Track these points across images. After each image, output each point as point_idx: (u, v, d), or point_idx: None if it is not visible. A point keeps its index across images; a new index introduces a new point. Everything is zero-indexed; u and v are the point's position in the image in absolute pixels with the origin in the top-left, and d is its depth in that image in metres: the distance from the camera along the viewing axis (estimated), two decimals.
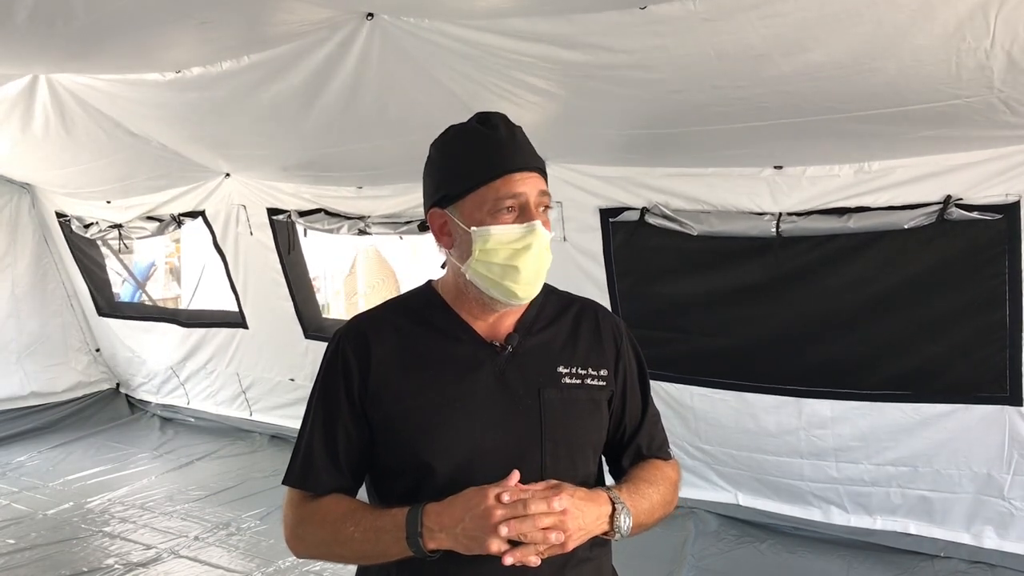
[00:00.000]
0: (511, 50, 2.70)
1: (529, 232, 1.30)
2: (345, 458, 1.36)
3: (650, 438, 1.49)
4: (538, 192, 1.32)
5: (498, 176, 1.30)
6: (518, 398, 1.33)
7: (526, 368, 1.35)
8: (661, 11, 2.31)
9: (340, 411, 1.35)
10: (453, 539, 1.19)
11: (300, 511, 1.36)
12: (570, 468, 1.34)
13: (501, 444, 1.30)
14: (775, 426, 3.80)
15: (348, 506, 1.34)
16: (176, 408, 6.54)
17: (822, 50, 2.36)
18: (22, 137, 4.51)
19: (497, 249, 1.30)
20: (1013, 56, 2.23)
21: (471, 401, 1.32)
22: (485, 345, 1.36)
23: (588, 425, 1.39)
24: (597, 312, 1.49)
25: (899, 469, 3.59)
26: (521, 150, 1.34)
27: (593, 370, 1.39)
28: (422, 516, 1.22)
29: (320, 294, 7.71)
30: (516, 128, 1.37)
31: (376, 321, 1.43)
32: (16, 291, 6.29)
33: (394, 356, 1.35)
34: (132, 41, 2.96)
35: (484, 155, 1.32)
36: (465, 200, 1.32)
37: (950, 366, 3.36)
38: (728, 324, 3.77)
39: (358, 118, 3.50)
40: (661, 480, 1.42)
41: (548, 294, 1.45)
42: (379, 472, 1.39)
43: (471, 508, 1.18)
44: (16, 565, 3.94)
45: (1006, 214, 3.05)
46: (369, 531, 1.26)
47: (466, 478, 1.25)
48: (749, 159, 3.41)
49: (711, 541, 3.89)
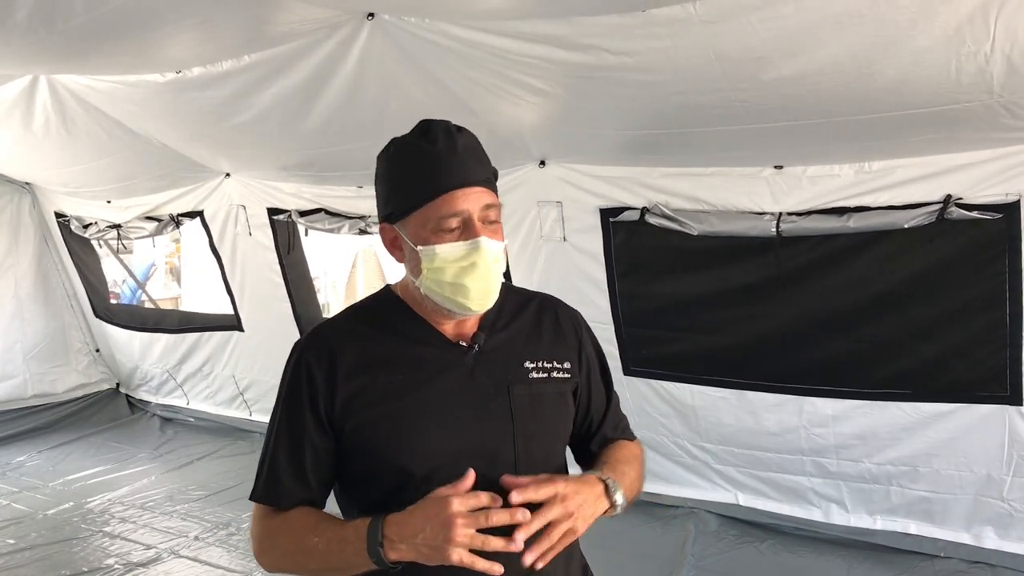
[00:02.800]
0: (512, 50, 2.70)
1: (473, 249, 1.29)
2: (312, 471, 1.34)
3: (615, 423, 1.54)
4: (482, 206, 1.30)
5: (437, 195, 1.29)
6: (488, 396, 1.34)
7: (494, 366, 1.37)
8: (661, 13, 2.31)
9: (305, 424, 1.33)
10: (414, 550, 1.18)
11: (266, 524, 1.35)
12: (543, 461, 1.36)
13: (474, 443, 1.31)
14: (776, 424, 3.80)
15: (313, 518, 1.32)
16: (176, 408, 6.54)
17: (822, 53, 2.36)
18: (23, 137, 4.51)
19: (444, 268, 1.29)
20: (1013, 60, 2.23)
21: (442, 402, 1.32)
22: (451, 346, 1.37)
23: (557, 417, 1.42)
24: (556, 306, 1.51)
25: (899, 468, 3.59)
26: (461, 164, 1.31)
27: (558, 363, 1.42)
28: (383, 527, 1.20)
29: (320, 294, 7.70)
30: (459, 137, 1.34)
31: (338, 330, 1.42)
32: (19, 292, 6.29)
33: (361, 364, 1.34)
34: (132, 40, 2.96)
35: (422, 174, 1.31)
36: (409, 219, 1.32)
37: (950, 365, 3.36)
38: (728, 323, 3.77)
39: (358, 118, 3.50)
40: (632, 459, 1.47)
41: (507, 291, 1.45)
42: (351, 481, 1.38)
43: (431, 518, 1.17)
44: (16, 565, 3.94)
45: (1006, 214, 3.05)
46: (333, 542, 1.25)
47: (442, 478, 1.23)
48: (749, 159, 3.41)
49: (711, 541, 3.89)
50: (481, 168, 1.33)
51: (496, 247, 1.31)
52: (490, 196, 1.33)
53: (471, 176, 1.31)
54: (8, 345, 6.22)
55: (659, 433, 4.13)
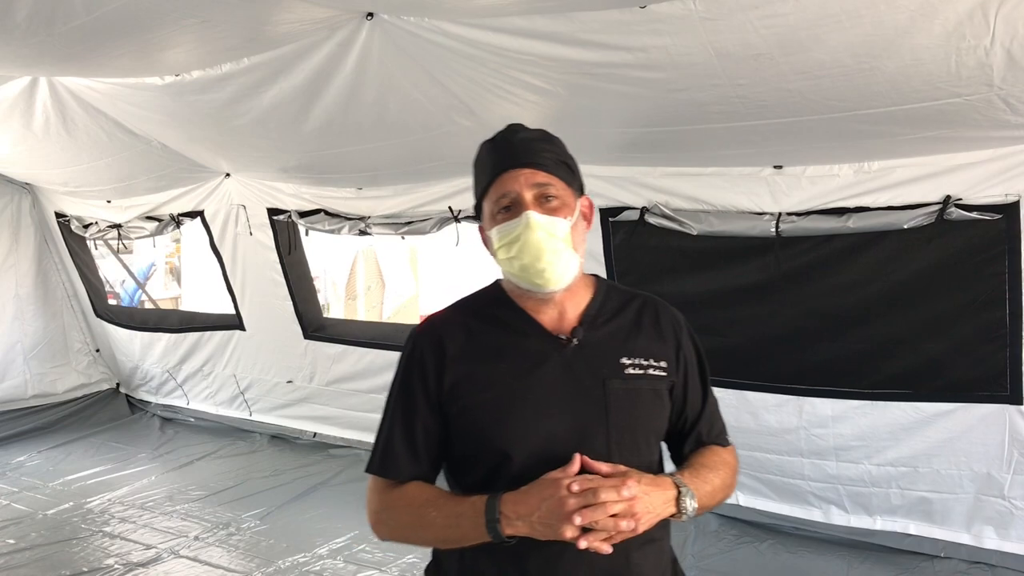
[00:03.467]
0: (511, 48, 2.70)
1: (516, 225, 1.38)
2: (424, 448, 1.45)
3: (710, 426, 1.56)
4: (531, 184, 1.38)
5: (491, 181, 1.41)
6: (584, 388, 1.40)
7: (591, 360, 1.42)
8: (661, 10, 2.31)
9: (417, 404, 1.44)
10: (529, 526, 1.28)
11: (383, 497, 1.46)
12: (633, 454, 1.40)
13: (569, 432, 1.38)
14: (776, 425, 3.80)
15: (430, 493, 1.43)
16: (176, 408, 6.54)
17: (822, 49, 2.36)
18: (22, 137, 4.51)
19: (503, 247, 1.40)
20: (1013, 54, 2.23)
21: (540, 392, 1.39)
22: (551, 338, 1.43)
23: (650, 413, 1.46)
24: (658, 306, 1.54)
25: (899, 469, 3.59)
26: (514, 149, 1.41)
27: (655, 361, 1.46)
28: (499, 504, 1.30)
29: (320, 294, 7.71)
30: (523, 132, 1.44)
31: (447, 322, 1.52)
32: (20, 292, 6.30)
33: (466, 351, 1.44)
34: (132, 42, 2.95)
35: (482, 168, 1.45)
36: (483, 211, 1.46)
37: (950, 365, 3.36)
38: (728, 323, 3.77)
39: (358, 118, 3.50)
40: (721, 465, 1.50)
41: (610, 289, 1.54)
42: (455, 460, 1.47)
43: (545, 498, 1.26)
44: (16, 565, 3.94)
45: (1006, 214, 3.05)
46: (450, 517, 1.35)
47: (538, 464, 1.33)
48: (749, 159, 3.41)
49: (711, 541, 3.89)
50: (535, 153, 1.41)
51: (546, 220, 1.37)
52: (544, 176, 1.39)
53: (519, 159, 1.40)
54: (9, 345, 6.22)
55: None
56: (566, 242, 1.39)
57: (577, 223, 1.44)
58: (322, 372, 5.49)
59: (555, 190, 1.40)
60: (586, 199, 1.50)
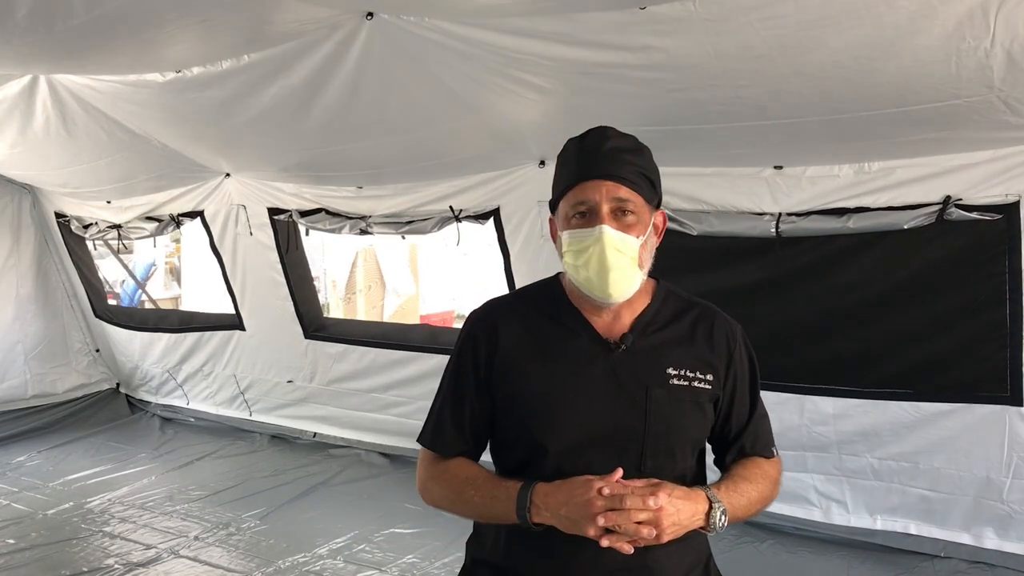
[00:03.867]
0: (511, 48, 2.70)
1: (588, 236, 1.40)
2: (470, 427, 1.51)
3: (754, 438, 1.58)
4: (610, 198, 1.39)
5: (572, 185, 1.42)
6: (627, 394, 1.42)
7: (637, 366, 1.44)
8: (661, 11, 2.32)
9: (468, 386, 1.50)
10: (556, 519, 1.33)
11: (430, 469, 1.53)
12: (668, 462, 1.43)
13: (607, 434, 1.41)
14: (777, 423, 3.74)
15: (471, 472, 1.49)
16: (176, 408, 6.54)
17: (822, 51, 2.36)
18: (22, 137, 4.51)
19: (571, 252, 1.43)
20: (1013, 55, 2.24)
21: (583, 393, 1.43)
22: (601, 341, 1.46)
23: (689, 424, 1.48)
24: (715, 317, 1.55)
25: (900, 464, 3.58)
26: (600, 159, 1.41)
27: (701, 373, 1.47)
28: (532, 494, 1.35)
29: (320, 294, 7.71)
30: (612, 139, 1.45)
31: (505, 308, 1.57)
32: (21, 292, 6.29)
33: (518, 342, 1.48)
34: (132, 40, 2.96)
35: (568, 168, 1.45)
36: (559, 208, 1.47)
37: (951, 365, 3.36)
38: None
39: (358, 117, 3.50)
40: (761, 477, 1.52)
41: (668, 295, 1.55)
42: (498, 442, 1.54)
43: (575, 496, 1.31)
44: (16, 565, 3.93)
45: (1006, 214, 3.06)
46: (486, 497, 1.42)
47: (572, 462, 1.38)
48: (749, 159, 3.41)
49: (711, 541, 3.88)
50: (621, 166, 1.41)
51: (618, 237, 1.39)
52: (626, 191, 1.40)
53: (604, 170, 1.40)
54: (10, 345, 6.21)
55: None
56: (633, 260, 1.41)
57: (648, 239, 1.45)
58: (323, 372, 5.49)
59: (633, 206, 1.41)
60: (661, 213, 1.51)
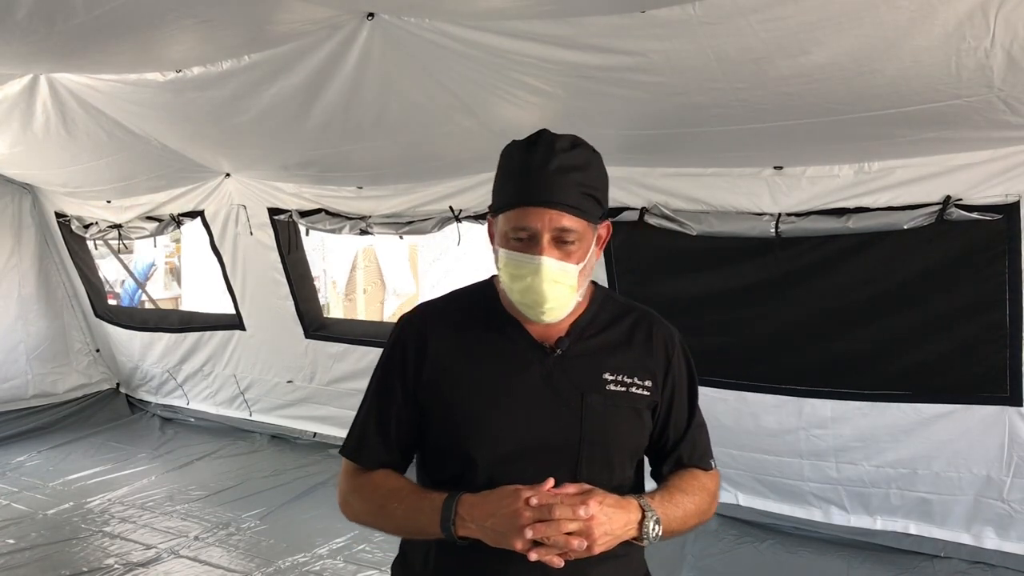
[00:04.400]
0: (511, 50, 2.70)
1: (527, 264, 1.32)
2: (396, 437, 1.44)
3: (692, 448, 1.52)
4: (552, 227, 1.31)
5: (516, 206, 1.32)
6: (561, 400, 1.37)
7: (573, 372, 1.39)
8: (661, 14, 2.31)
9: (394, 394, 1.43)
10: (482, 531, 1.27)
11: (352, 481, 1.46)
12: (605, 471, 1.38)
13: (540, 443, 1.35)
14: (775, 426, 3.80)
15: (395, 483, 1.42)
16: (176, 408, 6.54)
17: (822, 52, 2.36)
18: (23, 137, 4.51)
19: (507, 272, 1.35)
20: (1013, 55, 2.23)
21: (516, 399, 1.37)
22: (536, 346, 1.40)
23: (627, 432, 1.42)
24: (652, 323, 1.50)
25: (898, 470, 3.59)
26: (547, 183, 1.31)
27: (639, 379, 1.42)
28: (457, 505, 1.29)
29: (320, 294, 7.71)
30: (561, 154, 1.33)
31: (436, 312, 1.50)
32: (23, 292, 6.29)
33: (448, 348, 1.41)
34: (132, 39, 2.96)
35: (511, 182, 1.35)
36: (499, 217, 1.37)
37: (950, 366, 3.36)
38: (728, 324, 3.77)
39: (358, 118, 3.50)
40: (698, 490, 1.46)
41: (606, 300, 1.50)
42: (426, 453, 1.47)
43: (502, 507, 1.25)
44: (16, 565, 3.94)
45: (1006, 214, 3.05)
46: (410, 510, 1.35)
47: (504, 474, 1.32)
48: (749, 159, 3.41)
49: (711, 541, 3.89)
50: (567, 190, 1.32)
51: (557, 267, 1.31)
52: (570, 220, 1.31)
53: (551, 196, 1.31)
54: (12, 346, 6.21)
55: None
56: (572, 287, 1.35)
57: (589, 260, 1.38)
58: (323, 371, 5.49)
59: (575, 235, 1.33)
60: (606, 225, 1.44)
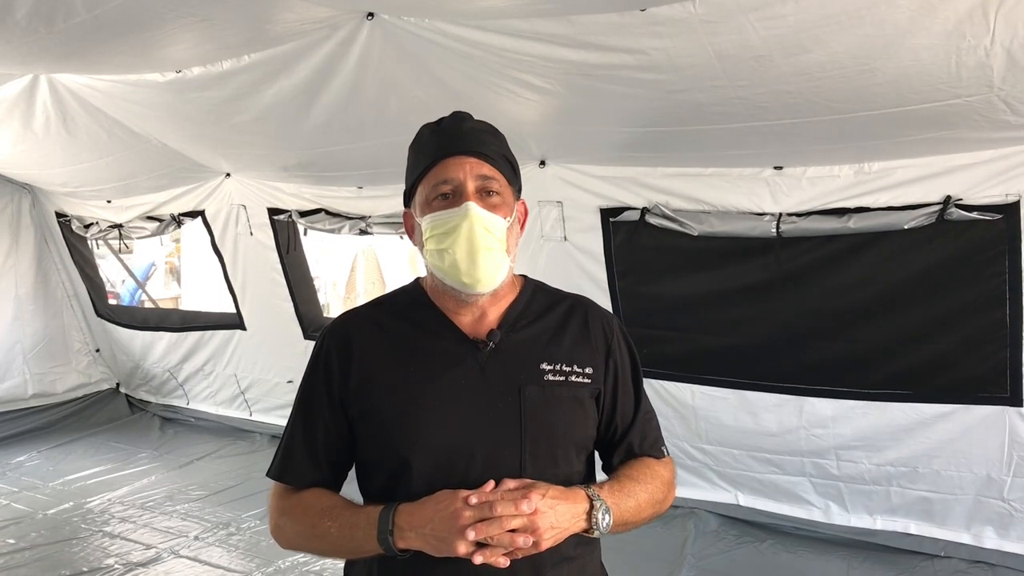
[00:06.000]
0: (512, 49, 2.70)
1: (454, 215, 1.28)
2: (324, 453, 1.38)
3: (642, 436, 1.45)
4: (475, 175, 1.30)
5: (432, 164, 1.31)
6: (498, 395, 1.31)
7: (507, 364, 1.33)
8: (661, 13, 2.32)
9: (320, 407, 1.37)
10: (423, 539, 1.20)
11: (281, 503, 1.39)
12: (551, 465, 1.31)
13: (479, 441, 1.29)
14: (776, 425, 3.80)
15: (327, 501, 1.35)
16: (176, 408, 6.54)
17: (822, 51, 2.36)
18: (23, 136, 4.52)
19: (434, 236, 1.30)
20: (1013, 54, 2.23)
21: (450, 398, 1.31)
22: (466, 341, 1.34)
23: (569, 422, 1.36)
24: (587, 309, 1.45)
25: (899, 469, 3.59)
26: (462, 137, 1.32)
27: (578, 367, 1.36)
28: (394, 515, 1.23)
29: (319, 294, 7.71)
30: (470, 121, 1.36)
31: (359, 319, 1.44)
32: (20, 292, 6.29)
33: (375, 353, 1.35)
34: (132, 39, 2.96)
35: (423, 151, 1.34)
36: (415, 195, 1.35)
37: (950, 366, 3.36)
38: (729, 323, 3.77)
39: (358, 117, 3.50)
40: (650, 478, 1.39)
41: (537, 290, 1.44)
42: (361, 466, 1.40)
43: (440, 510, 1.19)
44: (16, 565, 3.94)
45: (1006, 214, 3.05)
46: (345, 527, 1.27)
47: (443, 475, 1.26)
48: (749, 159, 3.41)
49: (711, 541, 3.89)
50: (484, 144, 1.32)
51: (486, 215, 1.29)
52: (490, 169, 1.31)
53: (467, 146, 1.31)
54: (9, 345, 6.22)
55: None
56: (501, 243, 1.30)
57: (513, 226, 1.34)
58: None
59: (498, 185, 1.32)
60: (522, 204, 1.41)
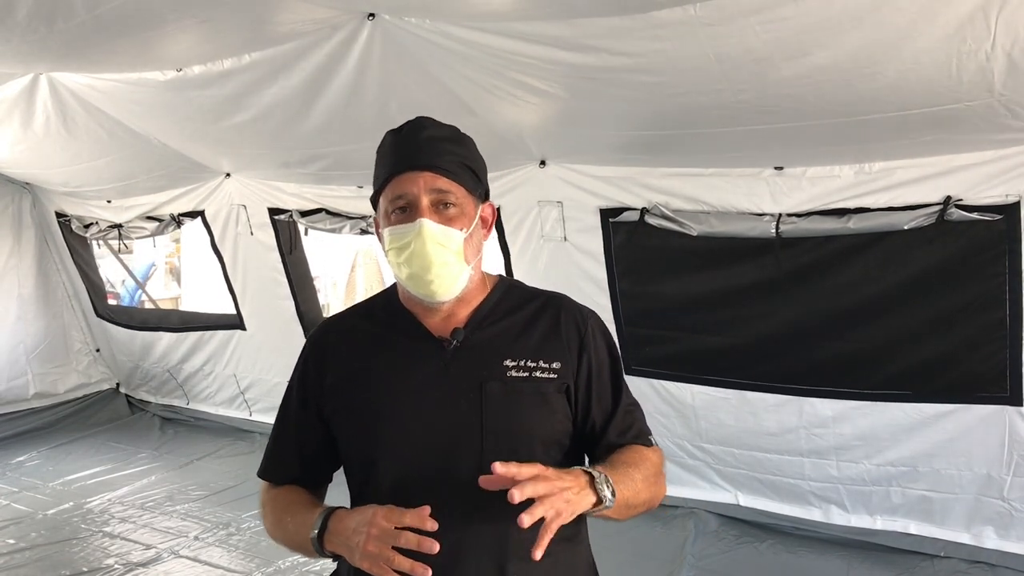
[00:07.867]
0: (512, 51, 2.70)
1: (408, 231, 1.31)
2: (301, 452, 1.45)
3: (625, 428, 1.42)
4: (429, 189, 1.31)
5: (388, 180, 1.33)
6: (460, 392, 1.33)
7: (471, 362, 1.35)
8: (662, 16, 2.31)
9: (299, 408, 1.44)
10: (344, 547, 1.24)
11: (263, 498, 1.48)
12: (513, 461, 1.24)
13: (440, 437, 1.31)
14: (776, 425, 3.80)
15: (294, 497, 1.42)
16: (176, 408, 6.54)
17: (823, 54, 2.36)
18: (23, 136, 4.51)
19: (393, 250, 1.34)
20: (1014, 58, 2.23)
21: (413, 395, 1.34)
22: (431, 340, 1.37)
23: (533, 417, 1.35)
24: (561, 305, 1.45)
25: (899, 469, 3.59)
26: (419, 148, 1.32)
27: (544, 362, 1.36)
28: (328, 520, 1.27)
29: (320, 294, 7.71)
30: (430, 128, 1.35)
31: (337, 324, 1.51)
32: (22, 292, 6.29)
33: (347, 355, 1.41)
34: (133, 39, 2.96)
35: (383, 161, 1.36)
36: (378, 207, 1.38)
37: (950, 366, 3.36)
38: (729, 324, 3.77)
39: (359, 118, 3.50)
40: (641, 462, 1.35)
41: (510, 289, 1.46)
42: (344, 466, 1.46)
43: (360, 523, 1.21)
44: (16, 565, 3.94)
45: (1006, 214, 3.05)
46: (298, 524, 1.33)
47: (408, 474, 1.30)
48: (749, 160, 3.42)
49: (711, 541, 3.90)
50: (440, 155, 1.32)
51: (439, 230, 1.30)
52: (445, 182, 1.31)
53: (421, 160, 1.31)
54: (12, 346, 6.21)
55: (659, 433, 4.12)
56: (458, 254, 1.32)
57: (475, 232, 1.35)
58: None
59: (454, 198, 1.32)
60: (489, 205, 1.42)
